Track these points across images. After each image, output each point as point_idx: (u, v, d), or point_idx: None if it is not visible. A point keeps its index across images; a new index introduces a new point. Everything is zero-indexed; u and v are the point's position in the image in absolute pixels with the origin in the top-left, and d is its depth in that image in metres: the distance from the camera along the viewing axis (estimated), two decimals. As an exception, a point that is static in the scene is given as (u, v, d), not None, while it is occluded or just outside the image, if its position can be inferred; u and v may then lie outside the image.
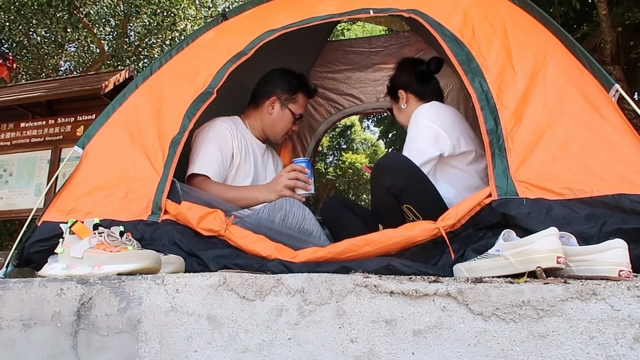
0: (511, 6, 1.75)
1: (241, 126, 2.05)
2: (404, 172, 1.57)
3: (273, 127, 2.07)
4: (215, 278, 1.09)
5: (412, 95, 2.01)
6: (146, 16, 8.77)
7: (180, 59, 1.96)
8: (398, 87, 2.04)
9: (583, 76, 1.49)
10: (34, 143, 4.58)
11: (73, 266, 1.26)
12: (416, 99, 1.99)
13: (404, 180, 1.55)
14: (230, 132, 1.93)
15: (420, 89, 2.00)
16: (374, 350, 0.96)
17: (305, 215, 1.64)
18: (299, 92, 2.07)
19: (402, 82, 2.03)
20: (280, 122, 2.06)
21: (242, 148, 1.96)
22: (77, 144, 1.79)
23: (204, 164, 1.83)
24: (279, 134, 2.09)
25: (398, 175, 1.56)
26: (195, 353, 1.04)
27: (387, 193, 1.56)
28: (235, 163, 1.93)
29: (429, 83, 2.03)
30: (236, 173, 1.94)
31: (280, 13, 1.97)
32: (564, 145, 1.36)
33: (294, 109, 2.06)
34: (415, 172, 1.61)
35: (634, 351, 0.85)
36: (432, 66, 2.06)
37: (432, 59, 2.07)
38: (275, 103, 2.05)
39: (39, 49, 8.96)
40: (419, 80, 2.00)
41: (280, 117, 2.05)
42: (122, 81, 4.71)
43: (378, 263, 1.24)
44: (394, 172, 1.56)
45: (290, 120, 2.07)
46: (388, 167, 1.59)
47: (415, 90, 2.00)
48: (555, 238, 1.06)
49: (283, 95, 2.05)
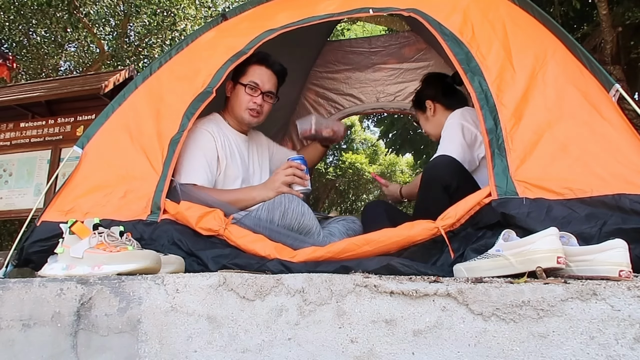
0: (511, 6, 1.75)
1: (222, 124, 2.01)
2: (459, 172, 1.66)
3: (235, 109, 2.01)
4: (215, 278, 1.09)
5: (439, 105, 2.13)
6: (146, 16, 8.77)
7: (179, 59, 1.96)
8: (425, 98, 2.16)
9: (583, 76, 1.49)
10: (34, 143, 4.58)
11: (73, 266, 1.26)
12: (443, 108, 2.12)
13: (458, 179, 1.63)
14: (212, 135, 1.89)
15: (446, 100, 2.12)
16: (374, 350, 0.96)
17: (304, 211, 1.64)
18: (248, 65, 2.00)
19: (429, 94, 2.16)
20: (236, 99, 2.00)
21: (227, 148, 1.92)
22: (77, 144, 1.79)
23: (191, 173, 1.78)
24: (244, 112, 1.99)
25: (454, 174, 1.64)
26: (195, 353, 1.04)
27: (444, 191, 1.61)
28: (222, 166, 1.89)
29: (454, 94, 2.14)
30: (225, 176, 1.90)
31: (280, 13, 1.97)
32: (564, 145, 1.36)
33: (244, 80, 1.99)
34: (465, 171, 1.70)
35: (634, 351, 0.85)
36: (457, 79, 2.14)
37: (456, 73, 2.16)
38: (230, 84, 2.03)
39: (38, 49, 8.96)
40: (444, 93, 2.14)
41: (236, 95, 2.01)
42: (121, 81, 4.70)
43: (377, 262, 1.24)
44: (451, 172, 1.64)
45: (243, 92, 1.98)
46: (445, 167, 1.66)
47: (441, 100, 2.13)
48: (555, 238, 1.05)
49: (236, 76, 2.02)
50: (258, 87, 1.99)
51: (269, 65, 2.02)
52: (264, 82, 2.00)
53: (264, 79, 2.00)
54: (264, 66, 2.01)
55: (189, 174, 1.78)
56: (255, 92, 1.98)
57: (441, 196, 1.61)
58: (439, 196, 1.61)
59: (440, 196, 1.61)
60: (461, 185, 1.60)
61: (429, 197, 1.69)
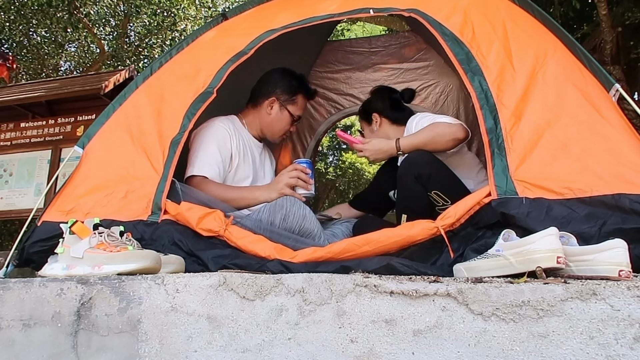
0: (511, 6, 1.75)
1: (239, 126, 2.04)
2: (430, 162, 1.68)
3: (271, 128, 2.06)
4: (215, 278, 1.09)
5: (385, 119, 2.16)
6: (146, 16, 8.76)
7: (180, 58, 1.96)
8: (372, 111, 2.19)
9: (583, 76, 1.49)
10: (34, 143, 4.57)
11: (73, 266, 1.26)
12: (389, 122, 2.15)
13: (430, 168, 1.66)
14: (229, 133, 1.93)
15: (393, 115, 2.15)
16: (374, 350, 0.96)
17: (305, 214, 1.64)
18: (298, 94, 2.06)
19: (376, 107, 2.19)
20: (279, 123, 2.06)
21: (241, 148, 1.96)
22: (77, 144, 1.79)
23: (204, 165, 1.82)
24: (277, 135, 2.09)
25: (425, 164, 1.66)
26: (195, 353, 1.04)
27: (416, 182, 1.65)
28: (234, 164, 1.92)
29: (402, 110, 2.17)
30: (235, 174, 1.93)
31: (281, 13, 1.97)
32: (563, 145, 1.36)
33: (293, 110, 2.05)
34: (439, 162, 1.72)
35: (634, 351, 0.85)
36: (406, 96, 2.22)
37: (406, 90, 2.24)
38: (275, 104, 2.05)
39: (39, 49, 8.95)
40: (392, 107, 2.17)
41: (278, 117, 2.05)
42: (122, 81, 4.70)
43: (377, 262, 1.24)
44: (421, 162, 1.67)
45: (289, 121, 2.06)
46: (415, 158, 1.69)
47: (388, 114, 2.16)
48: (555, 238, 1.06)
49: (282, 96, 2.04)
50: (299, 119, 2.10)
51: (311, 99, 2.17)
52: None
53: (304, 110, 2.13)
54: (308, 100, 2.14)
55: (202, 166, 1.81)
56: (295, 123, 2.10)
57: (413, 185, 1.66)
58: (411, 185, 1.67)
59: (412, 185, 1.67)
60: (435, 173, 1.65)
61: (402, 188, 1.73)
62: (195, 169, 1.81)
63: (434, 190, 1.64)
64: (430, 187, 1.64)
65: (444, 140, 1.71)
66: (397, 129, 2.11)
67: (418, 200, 1.67)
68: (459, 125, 1.73)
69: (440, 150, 1.75)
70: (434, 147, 1.72)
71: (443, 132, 1.72)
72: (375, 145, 1.84)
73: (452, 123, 1.75)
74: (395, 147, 1.78)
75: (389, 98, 2.19)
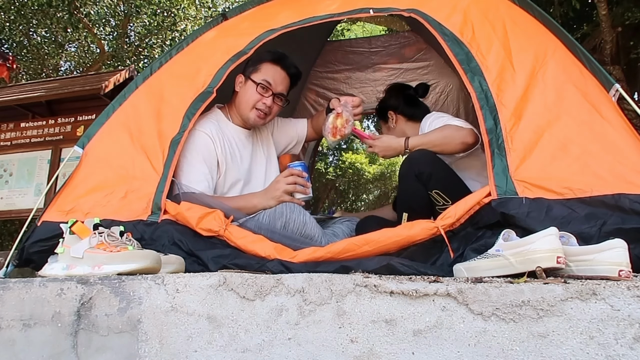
0: (511, 6, 1.75)
1: (222, 122, 1.94)
2: (431, 161, 1.68)
3: (241, 105, 1.91)
4: (215, 278, 1.09)
5: (401, 116, 2.17)
6: (146, 16, 8.76)
7: (180, 58, 1.96)
8: (387, 109, 2.20)
9: (583, 76, 1.49)
10: (34, 143, 4.58)
11: (73, 266, 1.26)
12: (405, 119, 2.16)
13: (431, 167, 1.66)
14: (211, 138, 1.83)
15: (408, 111, 2.16)
16: (374, 350, 0.96)
17: (305, 220, 1.62)
18: (263, 62, 1.92)
19: (391, 104, 2.20)
20: (244, 96, 1.89)
21: (227, 151, 1.87)
22: (77, 144, 1.80)
23: (191, 182, 1.74)
24: (248, 110, 1.89)
25: (426, 163, 1.67)
26: (195, 353, 1.04)
27: (417, 180, 1.66)
28: (222, 170, 1.84)
29: (417, 106, 2.18)
30: (225, 179, 1.86)
31: (281, 13, 1.97)
32: (563, 145, 1.36)
33: (256, 77, 1.88)
34: (440, 161, 1.72)
35: (633, 351, 0.85)
36: (420, 91, 2.21)
37: (420, 85, 2.23)
38: (241, 78, 1.94)
39: (39, 49, 8.95)
40: (406, 103, 2.17)
41: (244, 91, 1.91)
42: (122, 81, 4.70)
43: (377, 262, 1.24)
44: (422, 161, 1.67)
45: (254, 90, 1.87)
46: (416, 158, 1.69)
47: (403, 111, 2.16)
48: (555, 238, 1.06)
49: (248, 70, 1.94)
50: (270, 87, 1.88)
51: (285, 66, 1.92)
52: (277, 82, 1.90)
53: (278, 79, 1.90)
54: (279, 66, 1.91)
55: (190, 182, 1.73)
56: (267, 92, 1.88)
57: (414, 184, 1.67)
58: (412, 184, 1.67)
59: (413, 184, 1.67)
60: (435, 172, 1.65)
61: (403, 187, 1.74)
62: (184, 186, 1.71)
63: (435, 190, 1.64)
64: (431, 186, 1.65)
65: (453, 143, 1.72)
66: (413, 126, 2.12)
67: (419, 199, 1.67)
68: (470, 129, 1.74)
69: (449, 152, 1.76)
70: (442, 149, 1.73)
71: (452, 135, 1.73)
72: (385, 142, 1.86)
73: (463, 127, 1.75)
74: (404, 146, 1.80)
75: (403, 95, 2.20)
